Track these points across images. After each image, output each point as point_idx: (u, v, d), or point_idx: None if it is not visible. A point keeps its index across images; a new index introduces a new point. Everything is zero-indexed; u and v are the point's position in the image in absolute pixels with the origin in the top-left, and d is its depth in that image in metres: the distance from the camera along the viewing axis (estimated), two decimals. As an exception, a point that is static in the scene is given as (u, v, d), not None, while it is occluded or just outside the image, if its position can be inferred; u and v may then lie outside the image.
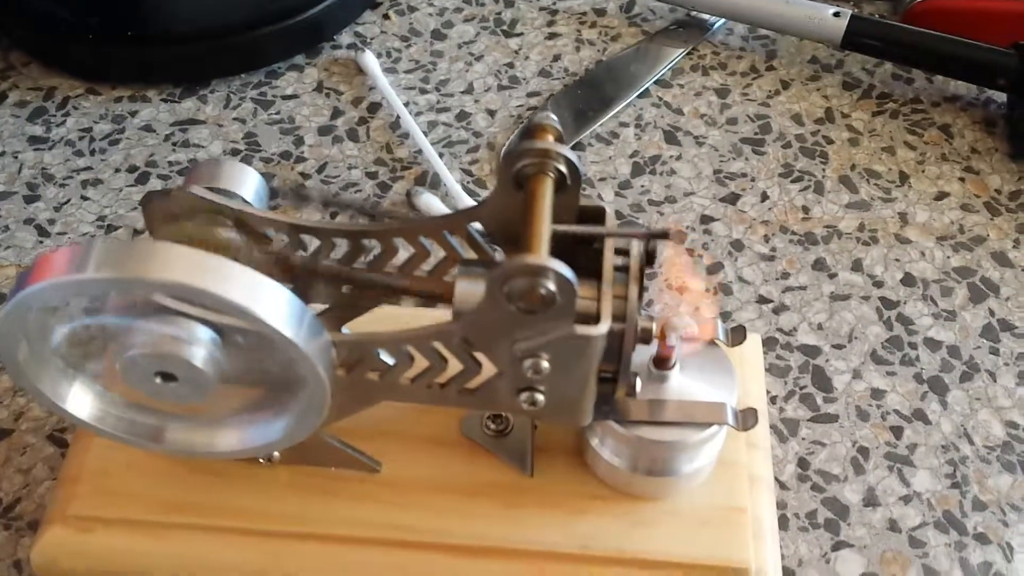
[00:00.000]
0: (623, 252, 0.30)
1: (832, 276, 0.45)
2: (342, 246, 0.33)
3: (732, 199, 0.47)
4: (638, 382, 0.31)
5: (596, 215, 0.31)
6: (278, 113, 0.50)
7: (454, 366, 0.31)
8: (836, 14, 0.51)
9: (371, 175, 0.48)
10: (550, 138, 0.31)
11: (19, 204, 0.46)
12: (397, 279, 0.34)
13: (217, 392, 0.30)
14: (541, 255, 0.27)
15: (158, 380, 0.29)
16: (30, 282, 0.27)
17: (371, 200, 0.43)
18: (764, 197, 0.47)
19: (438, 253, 0.33)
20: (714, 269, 0.44)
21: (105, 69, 0.52)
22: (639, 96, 0.51)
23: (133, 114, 0.50)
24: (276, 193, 0.34)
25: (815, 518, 0.38)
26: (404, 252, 0.34)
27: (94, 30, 0.50)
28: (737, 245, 0.46)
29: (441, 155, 0.48)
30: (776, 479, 0.38)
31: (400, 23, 0.55)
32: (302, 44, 0.53)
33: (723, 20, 0.54)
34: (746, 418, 0.33)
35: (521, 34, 0.54)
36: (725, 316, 0.43)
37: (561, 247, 0.31)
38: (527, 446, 0.35)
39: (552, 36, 0.54)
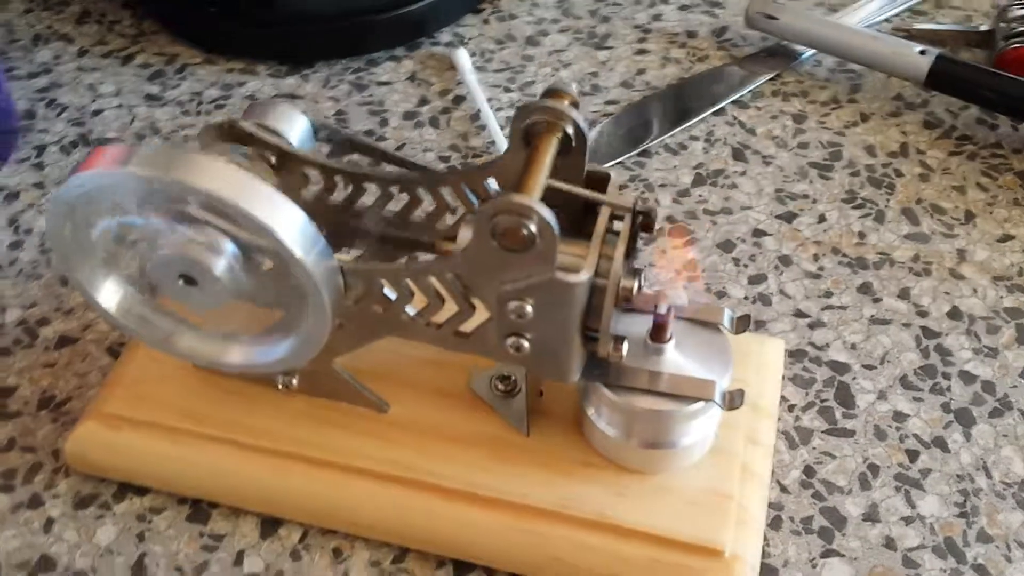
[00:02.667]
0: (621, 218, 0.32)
1: (876, 300, 0.44)
2: (372, 192, 0.36)
3: (788, 217, 0.48)
4: (625, 346, 0.33)
5: (601, 181, 0.33)
6: (371, 96, 0.54)
7: (452, 310, 0.33)
8: (922, 52, 0.51)
9: (444, 159, 0.50)
10: (565, 102, 0.32)
11: (125, 150, 0.51)
12: (418, 232, 0.36)
13: (230, 306, 0.33)
14: (529, 197, 0.29)
15: (180, 283, 0.32)
16: (80, 169, 0.30)
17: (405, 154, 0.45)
18: (822, 219, 0.48)
19: (460, 210, 0.35)
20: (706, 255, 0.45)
21: (223, 42, 0.56)
22: (714, 114, 0.52)
23: (241, 84, 0.54)
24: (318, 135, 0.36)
25: (810, 524, 0.37)
26: (429, 206, 0.36)
27: (218, 5, 0.55)
28: (785, 260, 0.46)
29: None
30: (778, 482, 0.38)
31: (498, 28, 0.58)
32: (404, 37, 0.56)
33: (812, 51, 0.55)
34: (733, 398, 0.34)
35: (611, 48, 0.56)
36: (758, 324, 0.43)
37: (570, 213, 0.32)
38: (526, 406, 0.36)
39: (641, 52, 0.56)
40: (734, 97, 0.53)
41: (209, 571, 0.36)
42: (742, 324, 0.36)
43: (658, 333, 0.34)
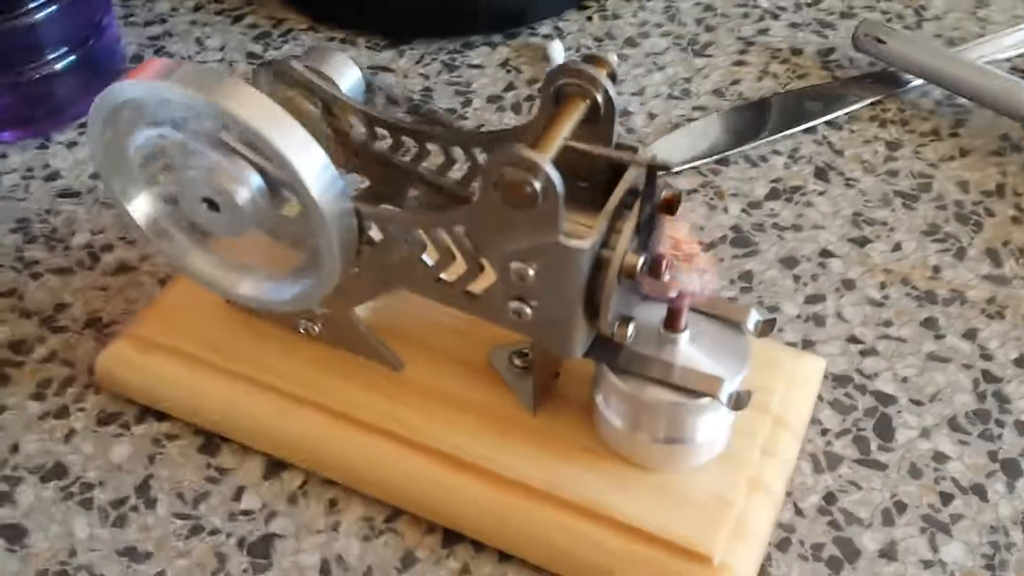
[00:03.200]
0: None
1: (939, 337, 0.42)
2: (411, 149, 0.36)
3: (861, 242, 0.46)
4: (631, 327, 0.32)
5: (631, 152, 0.32)
6: (459, 77, 0.54)
7: (462, 268, 0.32)
8: (1033, 90, 0.48)
9: (518, 144, 0.50)
10: (603, 72, 0.32)
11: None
12: (453, 191, 0.36)
13: (253, 240, 0.34)
14: (538, 153, 0.28)
15: (204, 206, 0.33)
16: (128, 76, 0.31)
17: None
18: (896, 248, 0.45)
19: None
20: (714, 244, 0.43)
21: (331, 12, 0.57)
22: (804, 131, 0.51)
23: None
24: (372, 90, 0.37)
25: (820, 551, 0.35)
26: (463, 166, 0.36)
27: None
28: (848, 284, 0.44)
29: (589, 141, 0.50)
30: (794, 503, 0.37)
31: (600, 26, 0.57)
32: (505, 25, 0.56)
33: (920, 81, 0.53)
34: (739, 399, 0.32)
35: (710, 56, 0.55)
36: (806, 344, 0.42)
37: (595, 185, 0.32)
38: (534, 384, 0.35)
39: (739, 64, 0.55)
40: (828, 117, 0.51)
41: (207, 502, 0.37)
42: (766, 328, 0.34)
43: (672, 321, 0.33)
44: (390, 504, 0.36)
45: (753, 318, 0.34)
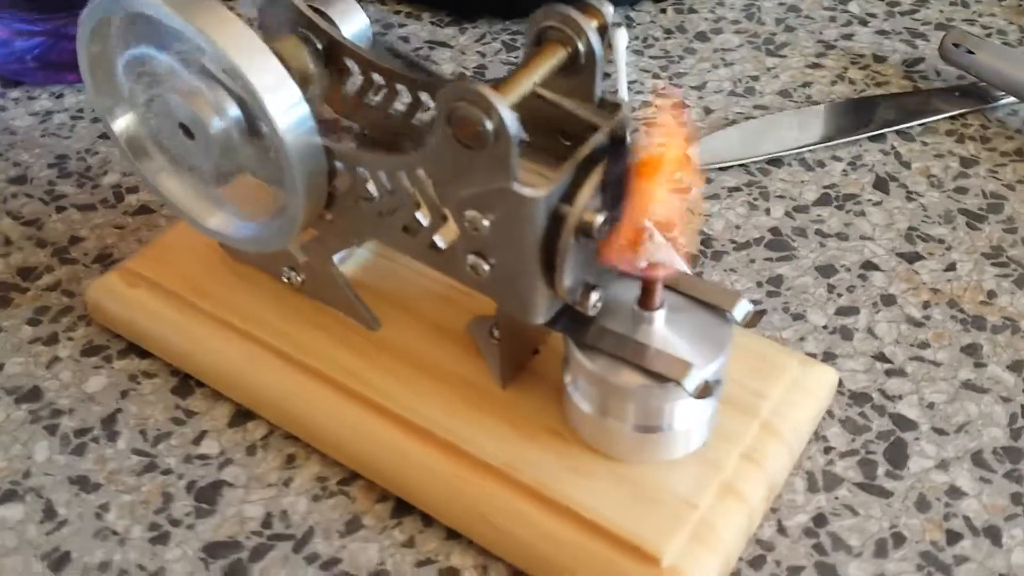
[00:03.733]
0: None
1: (979, 365, 0.38)
2: (405, 97, 0.35)
3: (912, 258, 0.42)
4: (595, 296, 0.29)
5: (614, 108, 0.30)
6: (516, 57, 0.52)
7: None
8: None
9: (563, 126, 0.48)
10: (593, 21, 0.30)
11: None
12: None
13: (222, 169, 0.33)
14: (493, 92, 0.26)
15: (180, 132, 0.32)
16: None
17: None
18: (950, 267, 0.41)
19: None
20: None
21: (402, -14, 0.57)
22: (871, 139, 0.47)
23: (402, 26, 0.55)
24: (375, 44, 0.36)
25: (797, 575, 0.32)
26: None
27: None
28: (888, 299, 0.40)
29: (636, 130, 0.48)
30: (778, 520, 0.33)
31: (673, 18, 0.55)
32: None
33: (1010, 99, 0.48)
34: (706, 387, 0.29)
35: (783, 56, 0.52)
36: (828, 356, 0.38)
37: (579, 140, 0.29)
38: (501, 355, 0.33)
39: (814, 66, 0.51)
40: (901, 127, 0.47)
41: (167, 442, 0.36)
42: (755, 319, 0.31)
43: (646, 299, 0.30)
44: (347, 467, 0.35)
45: (741, 306, 0.31)
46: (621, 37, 0.53)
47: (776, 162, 0.46)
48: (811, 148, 0.46)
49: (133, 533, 0.34)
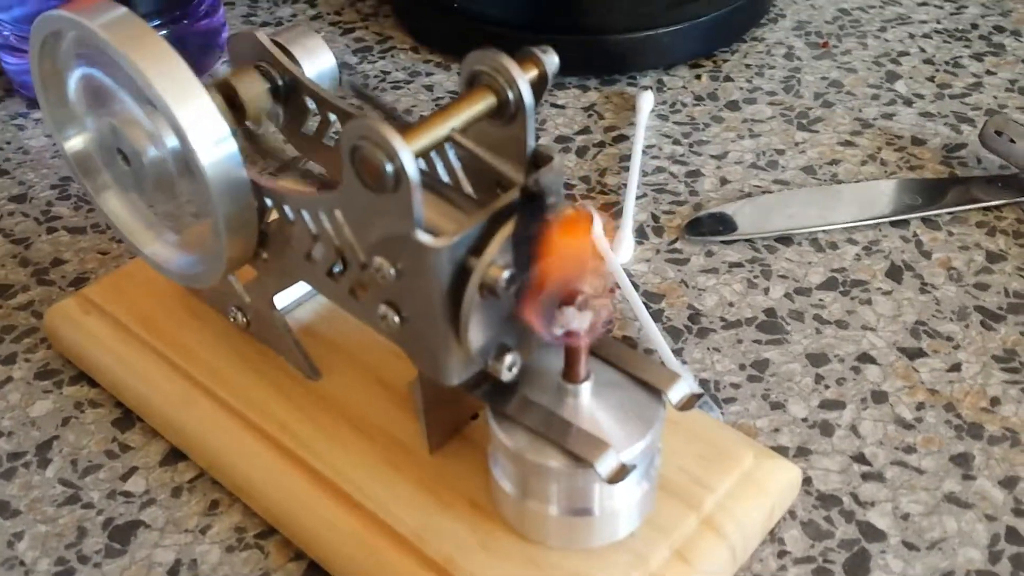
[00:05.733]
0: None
1: (967, 478, 0.34)
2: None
3: (913, 354, 0.38)
4: (508, 359, 0.27)
5: (544, 162, 0.28)
6: (537, 114, 0.51)
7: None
8: None
9: (568, 185, 0.47)
10: (534, 71, 0.28)
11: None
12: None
13: (161, 200, 0.32)
14: (394, 133, 0.25)
15: (118, 155, 0.32)
16: (60, 5, 0.30)
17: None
18: (954, 368, 0.38)
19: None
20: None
21: (431, 35, 0.56)
22: (893, 224, 0.44)
23: (428, 75, 0.54)
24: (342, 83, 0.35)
25: None
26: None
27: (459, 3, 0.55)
28: (879, 396, 0.37)
29: (644, 195, 0.45)
30: (711, 627, 0.30)
31: (707, 85, 0.53)
32: (603, 70, 0.53)
33: (1054, 192, 0.45)
34: (622, 470, 0.27)
35: (815, 132, 0.49)
36: (801, 451, 0.35)
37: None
38: (423, 418, 0.31)
39: (846, 143, 0.49)
40: (927, 214, 0.44)
41: (95, 475, 0.35)
42: (691, 401, 0.29)
43: (569, 370, 0.28)
44: (266, 520, 0.33)
45: (679, 387, 0.29)
46: (646, 100, 0.52)
47: (786, 240, 0.43)
48: (825, 229, 0.44)
49: (40, 566, 0.32)
